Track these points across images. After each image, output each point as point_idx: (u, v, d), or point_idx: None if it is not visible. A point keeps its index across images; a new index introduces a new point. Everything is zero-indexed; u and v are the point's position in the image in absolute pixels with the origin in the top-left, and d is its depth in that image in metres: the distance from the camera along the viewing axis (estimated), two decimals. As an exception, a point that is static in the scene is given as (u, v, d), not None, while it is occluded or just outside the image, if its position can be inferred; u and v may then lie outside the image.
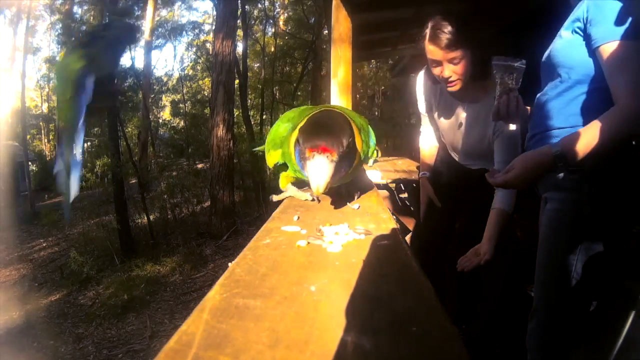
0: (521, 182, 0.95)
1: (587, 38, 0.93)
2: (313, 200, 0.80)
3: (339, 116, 0.72)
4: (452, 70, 1.30)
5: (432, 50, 1.31)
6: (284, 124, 0.86)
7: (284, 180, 0.91)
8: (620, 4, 0.85)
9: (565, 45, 0.99)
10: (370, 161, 0.91)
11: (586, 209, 0.96)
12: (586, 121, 0.96)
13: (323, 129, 0.66)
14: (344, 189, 0.92)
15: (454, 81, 1.35)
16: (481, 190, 1.43)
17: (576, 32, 0.96)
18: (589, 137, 0.88)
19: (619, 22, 0.85)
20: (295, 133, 0.72)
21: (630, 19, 0.84)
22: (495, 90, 1.13)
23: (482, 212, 1.51)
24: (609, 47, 0.87)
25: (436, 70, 1.35)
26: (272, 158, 0.85)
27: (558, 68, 1.01)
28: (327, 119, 0.70)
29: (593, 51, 0.91)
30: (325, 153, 0.62)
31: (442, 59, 1.30)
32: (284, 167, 0.86)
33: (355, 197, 0.89)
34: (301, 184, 0.93)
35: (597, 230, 0.98)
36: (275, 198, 0.90)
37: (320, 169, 0.61)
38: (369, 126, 0.90)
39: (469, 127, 1.48)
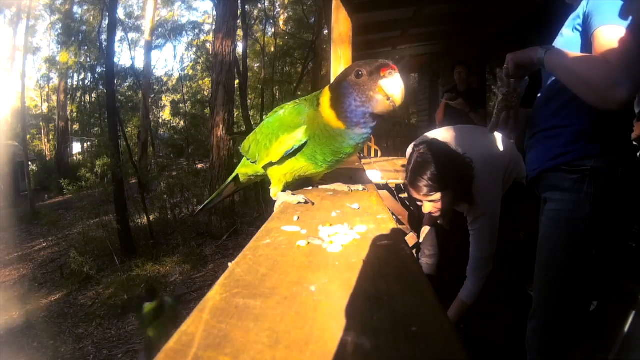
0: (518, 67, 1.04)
1: (585, 32, 0.93)
2: (307, 202, 0.76)
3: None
4: (433, 207, 1.30)
5: (412, 192, 1.31)
6: (288, 108, 0.81)
7: (276, 182, 0.85)
8: (618, 1, 0.86)
9: (566, 43, 0.99)
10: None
11: (585, 209, 0.96)
12: (584, 120, 0.96)
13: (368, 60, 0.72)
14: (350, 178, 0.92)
15: (435, 213, 1.36)
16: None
17: (576, 30, 0.96)
18: (567, 62, 0.91)
19: (615, 12, 0.86)
20: (325, 95, 0.74)
21: (627, 12, 0.84)
22: (496, 102, 1.12)
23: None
24: (601, 31, 0.87)
25: (419, 203, 1.36)
26: (283, 145, 0.78)
27: None
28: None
29: (590, 39, 0.91)
30: (396, 71, 0.68)
31: (422, 199, 1.29)
32: (290, 156, 0.79)
33: (360, 188, 0.87)
34: (297, 186, 0.89)
35: (597, 230, 0.98)
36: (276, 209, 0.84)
37: (399, 82, 0.68)
38: None
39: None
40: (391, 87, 0.68)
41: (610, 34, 0.85)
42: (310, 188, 0.92)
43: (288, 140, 0.77)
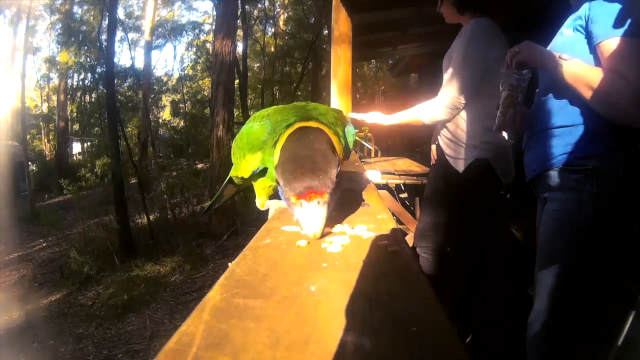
0: (523, 63, 1.01)
1: (588, 36, 0.93)
2: None
3: (319, 135, 0.62)
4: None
5: None
6: (258, 122, 0.75)
7: (261, 193, 0.79)
8: (621, 5, 0.86)
9: (566, 43, 0.99)
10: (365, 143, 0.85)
11: (588, 209, 0.95)
12: (586, 120, 0.96)
13: (304, 160, 0.56)
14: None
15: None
16: (467, 190, 1.51)
17: (578, 30, 0.96)
18: (589, 79, 0.89)
19: (619, 20, 0.85)
20: (277, 149, 0.63)
21: (630, 18, 0.85)
22: (500, 100, 1.10)
23: (473, 213, 1.56)
24: (610, 43, 0.87)
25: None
26: (249, 164, 0.73)
27: None
28: (307, 144, 0.60)
29: (594, 48, 0.91)
30: (315, 198, 0.53)
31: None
32: (260, 174, 0.75)
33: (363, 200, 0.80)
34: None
35: (599, 230, 0.97)
36: (271, 214, 0.78)
37: (312, 216, 0.54)
38: (341, 115, 0.78)
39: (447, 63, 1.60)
40: (301, 218, 0.56)
41: (621, 48, 0.85)
42: None
43: (252, 161, 0.73)
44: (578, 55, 0.95)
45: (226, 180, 1.00)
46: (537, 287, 1.07)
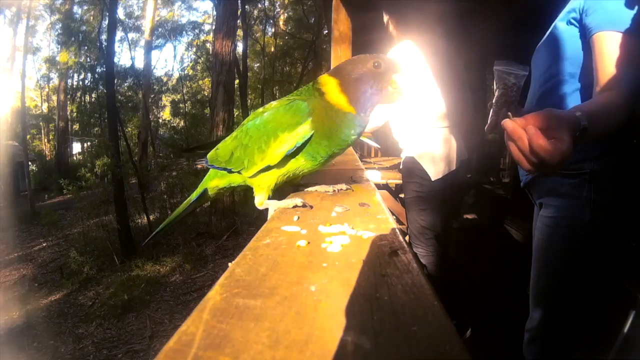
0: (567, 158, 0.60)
1: (582, 28, 0.90)
2: (305, 206, 0.73)
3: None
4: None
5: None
6: (281, 107, 0.76)
7: (261, 191, 0.80)
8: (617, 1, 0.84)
9: (560, 36, 0.96)
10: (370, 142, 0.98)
11: (585, 216, 0.91)
12: None
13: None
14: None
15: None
16: (404, 184, 1.82)
17: (571, 23, 0.92)
18: (604, 118, 0.76)
19: (614, 13, 0.83)
20: (329, 81, 0.77)
21: (626, 12, 0.82)
22: (493, 98, 1.07)
23: (407, 204, 1.78)
24: (603, 36, 0.84)
25: None
26: (284, 144, 0.73)
27: (552, 59, 0.97)
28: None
29: (587, 40, 0.88)
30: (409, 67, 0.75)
31: None
32: (291, 156, 0.75)
33: (344, 187, 0.86)
34: (280, 194, 0.84)
35: (597, 239, 0.92)
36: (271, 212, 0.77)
37: (411, 79, 0.76)
38: None
39: None
40: (404, 82, 0.76)
41: (615, 44, 0.82)
42: (301, 192, 0.87)
43: (290, 138, 0.74)
44: (570, 50, 0.92)
45: (195, 194, 0.93)
46: (532, 294, 1.04)
